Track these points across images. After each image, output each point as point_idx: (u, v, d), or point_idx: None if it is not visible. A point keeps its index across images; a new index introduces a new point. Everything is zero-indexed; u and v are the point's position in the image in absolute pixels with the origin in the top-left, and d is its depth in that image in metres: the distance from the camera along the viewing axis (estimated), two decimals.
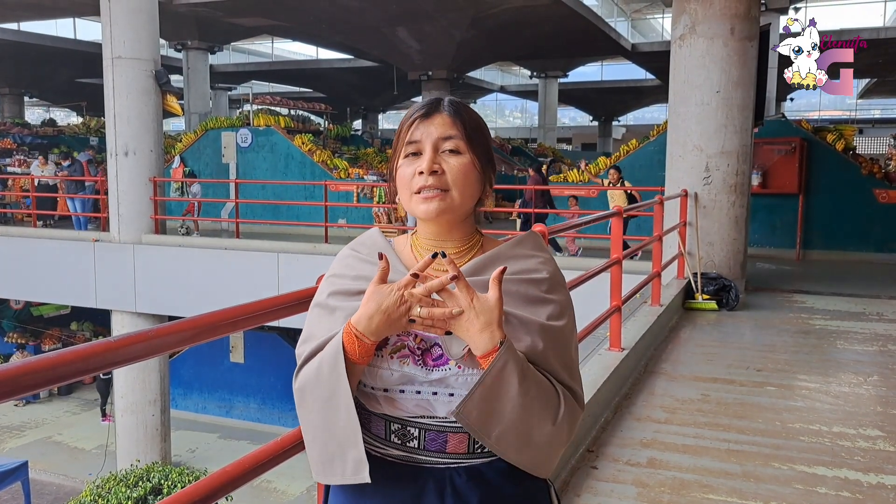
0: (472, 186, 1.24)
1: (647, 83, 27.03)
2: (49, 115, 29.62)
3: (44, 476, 11.85)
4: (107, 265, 11.52)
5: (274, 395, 14.64)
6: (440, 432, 1.19)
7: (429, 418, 1.19)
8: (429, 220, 1.23)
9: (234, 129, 14.44)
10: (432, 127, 1.22)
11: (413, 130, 1.22)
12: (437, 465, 1.20)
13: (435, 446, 1.20)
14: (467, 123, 1.24)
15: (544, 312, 1.22)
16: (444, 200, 1.21)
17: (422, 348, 1.20)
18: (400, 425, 1.20)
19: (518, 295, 1.21)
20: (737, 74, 7.08)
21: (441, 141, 1.21)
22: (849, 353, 5.42)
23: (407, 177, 1.22)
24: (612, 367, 4.08)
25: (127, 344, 1.17)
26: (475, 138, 1.24)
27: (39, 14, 19.34)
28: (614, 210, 4.69)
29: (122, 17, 10.97)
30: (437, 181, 1.20)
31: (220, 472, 1.49)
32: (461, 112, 1.24)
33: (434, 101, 1.26)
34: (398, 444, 1.21)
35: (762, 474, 3.23)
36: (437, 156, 1.21)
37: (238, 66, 28.42)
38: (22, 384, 0.99)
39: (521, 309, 1.20)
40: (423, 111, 1.24)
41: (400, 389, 1.19)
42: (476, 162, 1.23)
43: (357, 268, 1.27)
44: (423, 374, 1.18)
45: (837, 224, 10.83)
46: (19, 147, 18.73)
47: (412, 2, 15.60)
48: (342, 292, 1.25)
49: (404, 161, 1.24)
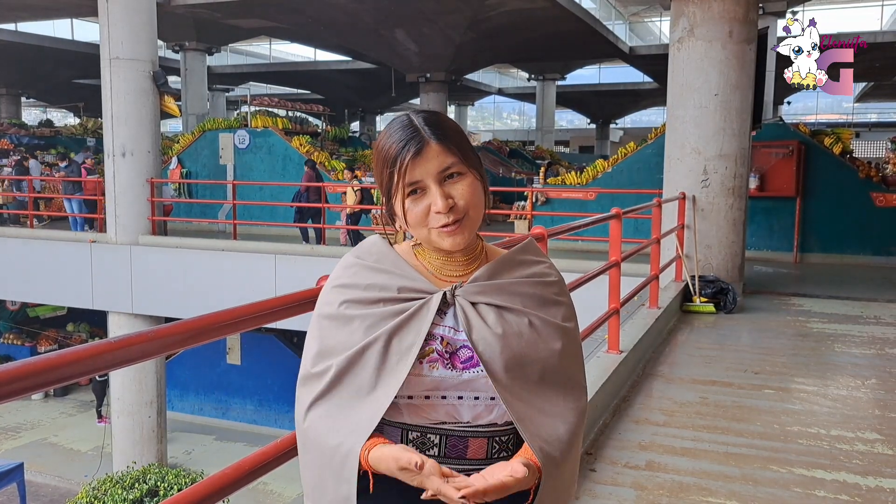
0: (481, 200, 1.24)
1: (645, 86, 27.07)
2: (46, 116, 29.59)
3: (39, 478, 11.82)
4: (104, 266, 11.50)
5: (271, 396, 14.61)
6: (461, 437, 1.19)
7: (452, 424, 1.19)
8: (456, 249, 1.23)
9: (232, 130, 14.42)
10: (429, 164, 1.18)
11: (410, 171, 1.18)
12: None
13: (455, 453, 1.20)
14: (455, 142, 1.21)
15: (559, 314, 1.27)
16: (465, 229, 1.21)
17: (449, 351, 1.20)
18: (419, 433, 1.20)
19: (535, 297, 1.25)
20: (735, 77, 7.09)
21: (441, 174, 1.19)
22: (846, 357, 5.43)
23: (420, 215, 1.20)
24: (611, 369, 4.08)
25: (127, 345, 1.16)
26: (467, 152, 1.22)
27: (37, 14, 19.31)
28: (613, 213, 4.68)
29: (120, 17, 10.96)
30: (455, 213, 1.19)
31: (219, 474, 1.48)
32: (445, 132, 1.20)
33: (413, 130, 1.20)
34: None
35: (761, 477, 3.23)
36: (443, 188, 1.19)
37: (236, 68, 28.42)
38: (24, 385, 0.98)
39: (539, 311, 1.24)
40: (412, 151, 1.18)
41: (425, 395, 1.19)
42: (476, 174, 1.23)
43: (366, 277, 1.25)
44: (454, 376, 1.18)
45: (835, 227, 10.85)
46: (16, 148, 18.73)
47: (410, 4, 15.61)
48: (356, 301, 1.23)
49: (408, 200, 1.20)
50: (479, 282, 1.23)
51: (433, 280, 1.25)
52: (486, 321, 1.20)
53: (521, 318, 1.22)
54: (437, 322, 1.21)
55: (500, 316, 1.21)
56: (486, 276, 1.24)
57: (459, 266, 1.27)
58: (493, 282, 1.23)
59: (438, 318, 1.22)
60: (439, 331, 1.21)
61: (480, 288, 1.22)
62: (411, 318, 1.20)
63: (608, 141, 33.28)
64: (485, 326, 1.20)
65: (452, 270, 1.27)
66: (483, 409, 1.19)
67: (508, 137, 29.42)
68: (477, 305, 1.21)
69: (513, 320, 1.21)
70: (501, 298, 1.22)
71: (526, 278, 1.26)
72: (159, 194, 12.19)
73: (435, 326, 1.21)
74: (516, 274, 1.26)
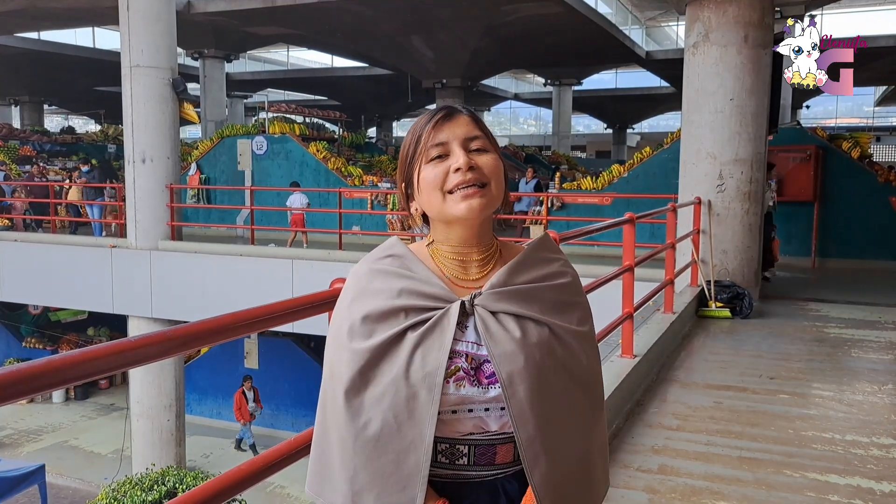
0: (503, 181, 1.21)
1: (662, 91, 26.97)
2: (68, 123, 30.01)
3: (60, 480, 11.96)
4: (124, 271, 11.65)
5: (288, 401, 14.69)
6: (490, 446, 1.19)
7: (479, 434, 1.18)
8: (471, 217, 1.17)
9: (250, 136, 14.57)
10: (457, 128, 1.19)
11: (436, 133, 1.18)
12: (487, 478, 1.20)
13: (484, 460, 1.19)
14: (483, 127, 1.23)
15: (574, 318, 1.23)
16: (485, 196, 1.17)
17: (474, 367, 1.17)
18: (448, 444, 1.19)
19: (551, 302, 1.21)
20: (750, 82, 7.07)
21: (468, 141, 1.19)
22: (863, 362, 5.39)
23: (438, 177, 1.17)
24: (624, 373, 4.09)
25: (147, 343, 1.21)
26: (493, 139, 1.24)
27: (59, 23, 19.60)
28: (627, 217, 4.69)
29: (140, 26, 11.12)
30: (476, 176, 1.17)
31: (235, 470, 1.52)
32: (476, 116, 1.24)
33: (446, 105, 1.25)
34: (446, 464, 1.19)
35: (774, 482, 3.22)
36: (467, 153, 1.18)
37: (254, 75, 28.67)
38: (45, 381, 1.03)
39: (555, 317, 1.20)
40: (442, 114, 1.21)
41: (452, 411, 1.17)
42: (501, 160, 1.22)
43: (382, 282, 1.21)
44: (480, 393, 1.16)
45: (853, 232, 10.75)
46: (38, 154, 19.03)
47: (426, 11, 15.69)
48: (375, 315, 1.18)
49: (429, 165, 1.19)
50: (497, 288, 1.19)
51: (449, 285, 1.21)
52: (507, 335, 1.16)
53: (541, 328, 1.18)
54: (459, 337, 1.17)
55: (521, 327, 1.17)
56: (503, 280, 1.20)
57: (475, 267, 1.23)
58: (511, 288, 1.19)
59: (460, 333, 1.18)
60: (462, 347, 1.17)
61: (499, 296, 1.18)
62: (432, 332, 1.16)
63: (625, 146, 33.17)
64: (506, 341, 1.16)
65: (470, 274, 1.23)
66: (510, 418, 1.16)
67: (525, 143, 29.39)
68: (497, 315, 1.17)
69: (533, 332, 1.17)
70: (521, 306, 1.18)
71: (543, 281, 1.22)
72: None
73: (457, 342, 1.17)
74: (533, 275, 1.22)
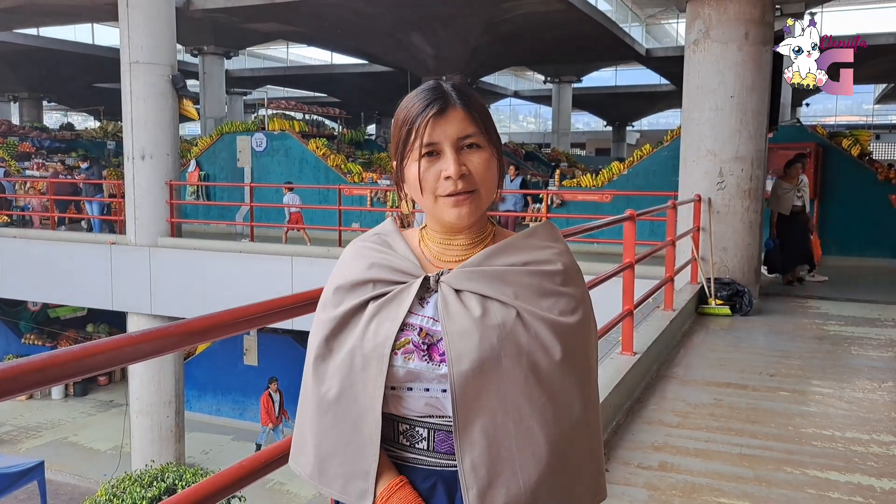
0: (494, 179, 1.18)
1: (662, 88, 26.95)
2: (67, 120, 29.94)
3: (59, 476, 11.96)
4: (123, 268, 11.65)
5: (287, 397, 14.67)
6: (449, 433, 1.13)
7: (438, 418, 1.14)
8: (460, 223, 1.17)
9: (250, 133, 14.55)
10: (449, 127, 1.14)
11: (429, 131, 1.14)
12: (448, 469, 1.15)
13: (444, 448, 1.15)
14: (480, 114, 1.17)
15: (557, 307, 1.14)
16: (474, 203, 1.15)
17: (427, 343, 1.14)
18: (408, 426, 1.16)
19: (531, 287, 1.14)
20: (751, 79, 7.06)
21: (460, 140, 1.15)
22: (863, 359, 5.39)
23: (429, 181, 1.15)
24: (624, 370, 4.09)
25: (147, 339, 1.20)
26: (489, 126, 1.18)
27: (58, 20, 19.58)
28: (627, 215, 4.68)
29: (139, 22, 11.11)
30: (466, 184, 1.14)
31: (235, 466, 1.51)
32: (471, 102, 1.17)
33: (440, 92, 1.17)
34: (406, 446, 1.17)
35: (774, 479, 3.22)
36: (459, 156, 1.14)
37: (253, 71, 28.63)
38: (44, 377, 1.03)
39: (529, 303, 1.13)
40: (435, 109, 1.14)
41: (408, 387, 1.13)
42: (494, 152, 1.18)
43: (362, 257, 1.24)
44: (430, 369, 1.12)
45: (853, 230, 10.75)
46: (38, 151, 19.00)
47: (427, 7, 15.67)
48: (345, 286, 1.22)
49: (420, 161, 1.15)
50: (469, 267, 1.15)
51: (426, 263, 1.20)
52: (466, 313, 1.11)
53: (507, 310, 1.12)
54: (417, 311, 1.16)
55: (483, 307, 1.12)
56: (478, 261, 1.16)
57: (459, 250, 1.20)
58: (482, 268, 1.15)
59: (419, 307, 1.16)
60: (417, 321, 1.15)
61: (468, 274, 1.14)
62: (389, 303, 1.16)
63: (625, 143, 33.17)
64: (463, 318, 1.11)
65: (451, 255, 1.21)
66: (451, 398, 1.11)
67: (524, 140, 29.38)
68: (461, 294, 1.14)
69: (497, 314, 1.11)
70: (489, 287, 1.13)
71: (524, 265, 1.16)
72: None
73: (413, 315, 1.15)
74: (514, 259, 1.16)
